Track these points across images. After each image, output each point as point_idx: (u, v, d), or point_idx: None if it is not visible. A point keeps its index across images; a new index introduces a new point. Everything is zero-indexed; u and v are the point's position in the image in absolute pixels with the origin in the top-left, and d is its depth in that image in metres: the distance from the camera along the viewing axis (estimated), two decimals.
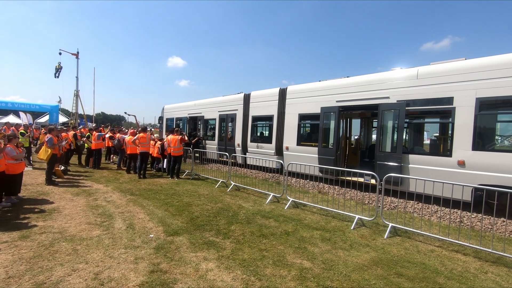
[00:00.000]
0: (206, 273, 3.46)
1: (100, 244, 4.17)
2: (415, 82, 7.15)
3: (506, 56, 5.95)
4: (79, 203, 6.32)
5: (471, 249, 4.36)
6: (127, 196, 7.16)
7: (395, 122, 7.49)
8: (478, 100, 6.13)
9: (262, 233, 4.81)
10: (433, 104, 6.85)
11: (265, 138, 11.74)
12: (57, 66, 22.89)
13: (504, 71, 5.84)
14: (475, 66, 6.27)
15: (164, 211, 5.95)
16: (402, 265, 3.86)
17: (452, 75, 6.56)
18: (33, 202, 6.29)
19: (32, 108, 24.21)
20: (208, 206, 6.39)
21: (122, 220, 5.26)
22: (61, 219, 5.21)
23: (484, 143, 6.18)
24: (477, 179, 5.98)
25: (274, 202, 6.99)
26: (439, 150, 7.45)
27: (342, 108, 8.81)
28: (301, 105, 9.96)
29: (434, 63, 7.16)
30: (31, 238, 4.32)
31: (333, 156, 8.77)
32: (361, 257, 4.06)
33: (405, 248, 4.45)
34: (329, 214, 6.05)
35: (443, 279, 3.52)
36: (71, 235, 4.47)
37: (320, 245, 4.42)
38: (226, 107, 13.49)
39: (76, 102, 23.18)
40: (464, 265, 3.94)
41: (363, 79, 8.34)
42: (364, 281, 3.39)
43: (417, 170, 6.95)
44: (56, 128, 9.37)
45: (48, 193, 7.13)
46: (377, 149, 7.77)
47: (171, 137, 9.92)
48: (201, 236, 4.62)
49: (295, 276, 3.45)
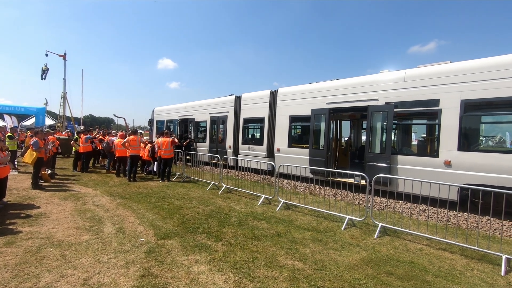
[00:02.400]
0: (198, 276, 3.44)
1: (89, 249, 4.09)
2: (403, 85, 7.31)
3: (489, 59, 6.16)
4: (67, 208, 6.19)
5: (457, 247, 4.48)
6: (117, 199, 7.05)
7: (384, 124, 7.64)
8: (463, 102, 6.32)
9: (254, 235, 4.82)
10: (420, 106, 7.02)
11: (257, 140, 11.77)
12: (43, 68, 22.43)
13: (488, 74, 6.05)
14: (460, 69, 6.47)
15: (155, 214, 5.88)
16: (391, 264, 3.93)
17: (438, 77, 6.75)
18: (18, 207, 6.11)
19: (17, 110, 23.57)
20: (200, 209, 6.36)
21: (111, 224, 5.18)
22: (48, 224, 5.09)
23: (469, 144, 6.36)
24: (463, 179, 6.15)
25: (266, 203, 7.01)
26: (427, 150, 7.63)
27: (332, 110, 8.92)
28: (292, 107, 10.04)
29: (420, 66, 7.34)
30: (17, 244, 4.20)
31: (323, 158, 8.86)
32: (352, 257, 4.12)
33: (395, 247, 4.53)
34: (320, 215, 6.11)
35: (431, 277, 3.60)
36: (59, 240, 4.37)
37: (312, 246, 4.45)
38: (217, 109, 13.47)
39: (63, 104, 22.75)
40: (451, 263, 4.04)
41: (353, 81, 8.48)
42: (355, 281, 3.44)
43: (406, 171, 7.09)
44: (42, 131, 9.15)
45: (35, 198, 6.95)
46: (367, 150, 7.90)
47: (162, 139, 9.82)
48: (193, 239, 4.59)
49: (287, 277, 3.47)
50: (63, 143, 15.17)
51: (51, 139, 9.94)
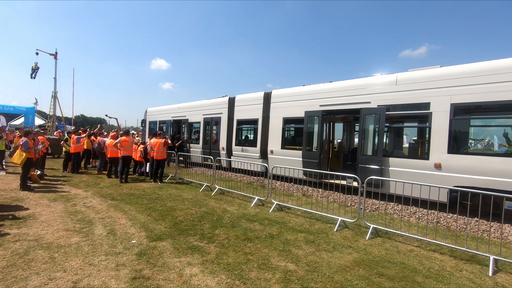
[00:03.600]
0: (190, 278, 3.41)
1: (79, 251, 4.02)
2: (394, 88, 7.42)
3: (478, 64, 6.30)
4: (57, 209, 6.07)
5: (447, 248, 4.55)
6: (108, 201, 6.95)
7: (376, 126, 7.73)
8: (453, 105, 6.45)
9: (247, 237, 4.81)
10: (411, 109, 7.13)
11: (250, 141, 11.77)
12: (33, 67, 22.05)
13: (477, 78, 6.18)
14: (450, 73, 6.60)
15: (147, 216, 5.82)
16: (383, 265, 3.97)
17: (428, 81, 6.87)
18: (6, 209, 5.97)
19: (5, 110, 23.12)
20: (192, 211, 6.32)
21: (102, 226, 5.11)
22: (37, 226, 4.99)
23: (458, 147, 6.49)
24: (453, 181, 6.26)
25: (259, 205, 7.01)
26: (417, 153, 7.75)
27: (326, 112, 8.99)
28: (285, 109, 10.08)
29: (412, 70, 7.46)
30: (4, 246, 4.10)
31: (316, 160, 8.91)
32: (344, 258, 4.15)
33: (386, 248, 4.58)
34: (313, 217, 6.13)
35: (421, 278, 3.65)
36: (48, 243, 4.28)
37: (304, 248, 4.47)
38: (210, 111, 13.44)
39: (54, 104, 22.36)
40: (440, 263, 4.11)
41: (346, 84, 8.57)
42: (346, 282, 3.46)
43: (397, 173, 7.19)
44: (32, 131, 8.98)
45: (23, 199, 6.81)
46: (359, 153, 7.98)
47: (154, 140, 9.73)
48: (185, 240, 4.55)
49: (280, 279, 3.48)
50: (53, 143, 14.92)
51: (41, 139, 9.75)
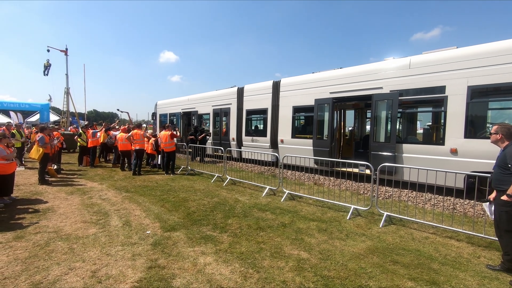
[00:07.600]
0: (204, 267, 3.47)
1: (96, 242, 4.14)
2: (407, 72, 7.17)
3: (496, 44, 5.99)
4: (74, 202, 6.26)
5: (464, 235, 4.45)
6: (123, 193, 7.11)
7: (388, 112, 7.53)
8: (470, 88, 6.19)
9: (259, 226, 4.84)
10: (425, 93, 6.89)
11: (260, 131, 11.72)
12: (45, 64, 22.45)
13: (495, 58, 5.89)
14: (466, 54, 6.31)
15: (160, 207, 5.93)
16: (397, 252, 3.93)
17: (444, 64, 6.59)
18: (26, 202, 6.20)
19: (22, 107, 23.77)
20: (205, 201, 6.39)
21: (118, 218, 5.24)
22: (56, 218, 5.16)
23: (475, 131, 6.26)
24: (470, 166, 6.07)
25: (270, 195, 7.02)
26: (432, 138, 7.53)
27: (336, 100, 8.81)
28: (295, 98, 9.95)
29: (426, 52, 7.17)
30: (26, 238, 4.27)
31: (327, 148, 8.81)
32: (357, 246, 4.12)
33: (400, 236, 4.52)
34: (325, 205, 6.10)
35: (437, 265, 3.59)
36: (67, 234, 4.43)
37: (317, 236, 4.46)
38: (220, 102, 13.40)
39: (67, 100, 22.83)
40: (457, 250, 4.02)
41: (356, 70, 8.34)
42: (360, 270, 3.44)
43: (411, 159, 7.03)
44: (47, 127, 9.21)
45: (42, 193, 7.04)
46: (371, 140, 7.82)
47: (163, 133, 9.89)
48: (198, 230, 4.62)
49: (293, 267, 3.49)
50: (68, 138, 15.30)
51: (56, 135, 10.01)
